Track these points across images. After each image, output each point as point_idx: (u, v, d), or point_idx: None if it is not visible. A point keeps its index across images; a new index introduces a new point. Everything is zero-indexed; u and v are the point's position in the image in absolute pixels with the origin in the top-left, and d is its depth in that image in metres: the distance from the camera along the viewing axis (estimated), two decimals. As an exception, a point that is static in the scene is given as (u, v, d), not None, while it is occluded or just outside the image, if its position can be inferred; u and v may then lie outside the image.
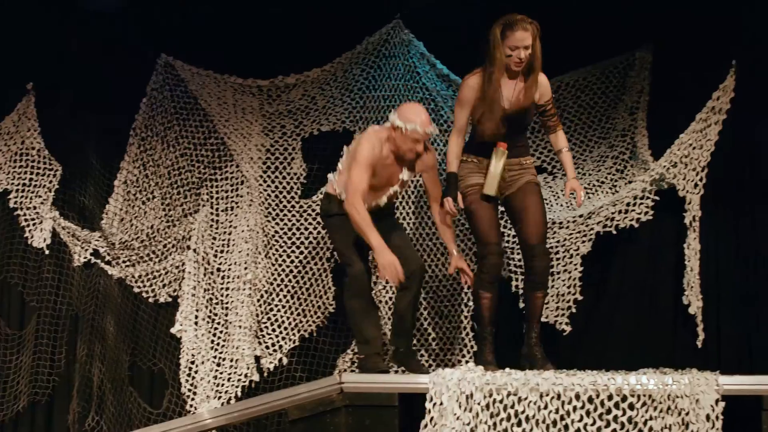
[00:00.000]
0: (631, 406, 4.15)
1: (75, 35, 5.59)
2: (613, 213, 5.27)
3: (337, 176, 4.83)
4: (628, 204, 5.25)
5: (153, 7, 5.60)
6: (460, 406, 4.15)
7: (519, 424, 4.15)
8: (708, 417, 4.14)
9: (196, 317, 5.44)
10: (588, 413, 4.15)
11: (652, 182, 5.22)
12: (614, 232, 5.25)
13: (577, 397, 4.16)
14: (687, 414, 4.15)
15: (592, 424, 4.14)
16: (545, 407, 4.16)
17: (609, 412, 4.15)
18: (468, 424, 4.14)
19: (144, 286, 5.58)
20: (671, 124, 5.25)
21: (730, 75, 5.16)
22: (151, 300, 5.59)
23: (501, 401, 4.18)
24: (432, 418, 4.16)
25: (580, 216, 5.33)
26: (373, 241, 4.54)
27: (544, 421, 4.15)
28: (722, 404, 4.16)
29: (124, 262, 5.58)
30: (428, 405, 4.18)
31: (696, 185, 5.18)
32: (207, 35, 5.63)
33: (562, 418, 4.15)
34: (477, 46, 4.71)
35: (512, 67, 4.62)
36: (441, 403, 4.16)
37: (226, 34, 5.62)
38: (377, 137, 4.69)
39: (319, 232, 5.58)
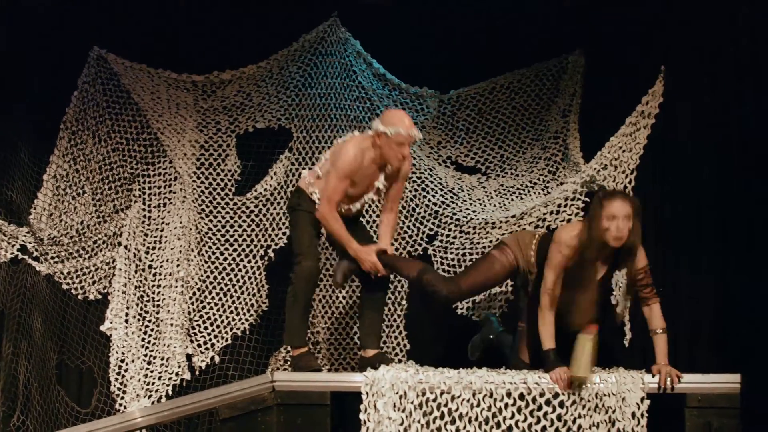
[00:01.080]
0: (561, 404, 4.22)
1: (3, 28, 5.47)
2: (544, 214, 5.34)
3: (314, 176, 4.76)
4: (559, 205, 5.31)
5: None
6: (394, 407, 4.18)
7: (452, 422, 4.20)
8: (634, 414, 4.24)
9: (127, 315, 5.37)
10: (519, 410, 4.21)
11: (582, 184, 5.30)
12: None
13: (508, 394, 4.22)
14: (614, 412, 4.24)
15: (523, 421, 4.20)
16: (477, 405, 4.21)
17: (540, 409, 4.22)
18: (401, 423, 4.17)
19: (73, 283, 5.49)
20: (602, 127, 5.34)
21: (659, 80, 5.27)
22: (80, 297, 5.50)
23: (434, 400, 4.22)
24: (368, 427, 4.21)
25: (513, 216, 5.39)
26: (351, 248, 4.65)
27: (476, 419, 4.20)
28: (647, 402, 4.26)
29: (52, 258, 5.48)
30: (363, 416, 4.22)
31: (625, 187, 5.28)
32: (141, 29, 5.56)
33: (494, 415, 4.21)
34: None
35: (611, 242, 4.13)
36: (376, 409, 4.19)
37: (160, 27, 5.56)
38: (361, 146, 4.64)
39: (252, 230, 5.55)
